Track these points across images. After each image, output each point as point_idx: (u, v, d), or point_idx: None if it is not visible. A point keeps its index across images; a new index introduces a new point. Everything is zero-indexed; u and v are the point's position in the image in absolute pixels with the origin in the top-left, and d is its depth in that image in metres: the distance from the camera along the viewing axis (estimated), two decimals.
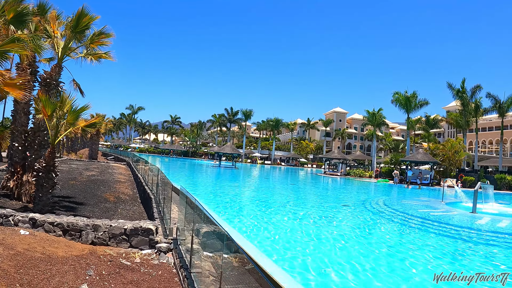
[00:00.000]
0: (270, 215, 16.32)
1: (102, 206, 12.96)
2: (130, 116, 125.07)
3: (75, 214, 11.25)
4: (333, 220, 15.92)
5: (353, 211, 19.56)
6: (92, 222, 7.51)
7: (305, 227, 14.05)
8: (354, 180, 47.32)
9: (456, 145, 42.63)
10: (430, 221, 16.30)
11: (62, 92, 12.01)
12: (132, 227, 7.54)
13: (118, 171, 28.72)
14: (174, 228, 7.96)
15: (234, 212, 16.48)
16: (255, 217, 15.50)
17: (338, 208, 20.48)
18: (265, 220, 14.98)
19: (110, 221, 7.89)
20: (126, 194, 16.62)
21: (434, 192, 35.90)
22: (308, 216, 16.85)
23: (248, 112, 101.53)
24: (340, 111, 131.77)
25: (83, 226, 7.36)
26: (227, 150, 54.73)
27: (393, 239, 13.10)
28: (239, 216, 15.57)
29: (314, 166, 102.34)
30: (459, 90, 51.62)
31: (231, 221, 13.84)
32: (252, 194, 25.55)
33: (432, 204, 22.86)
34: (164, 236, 7.80)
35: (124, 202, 14.43)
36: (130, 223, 7.78)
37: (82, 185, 17.54)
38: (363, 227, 14.76)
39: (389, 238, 13.08)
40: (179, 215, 8.40)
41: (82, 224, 7.39)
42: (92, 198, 14.43)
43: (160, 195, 11.55)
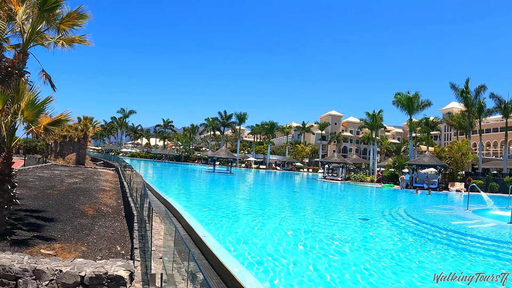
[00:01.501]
0: (275, 237, 12.91)
1: (77, 223, 10.60)
2: (122, 120, 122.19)
3: (39, 235, 8.92)
4: (357, 243, 12.45)
5: (377, 227, 16.21)
6: (34, 265, 5.05)
7: (323, 260, 10.11)
8: (356, 185, 45.13)
9: (463, 147, 40.66)
10: (476, 238, 13.59)
11: (29, 85, 9.71)
12: (93, 274, 5.10)
13: (105, 177, 26.26)
14: (158, 269, 5.54)
15: (233, 235, 12.85)
16: (255, 244, 11.77)
17: (356, 223, 16.94)
18: (270, 249, 11.25)
19: (63, 261, 5.43)
20: (108, 205, 14.24)
21: (446, 198, 33.83)
22: (322, 236, 13.18)
23: (242, 115, 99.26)
24: (335, 114, 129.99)
25: (20, 271, 4.95)
26: (222, 155, 52.26)
27: (452, 268, 9.53)
28: (236, 237, 12.37)
29: (310, 170, 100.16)
30: (463, 91, 49.79)
31: (227, 244, 11.47)
32: (254, 207, 21.90)
33: (459, 213, 20.15)
34: (143, 284, 5.37)
35: (105, 216, 12.06)
36: (92, 265, 5.43)
37: (59, 196, 15.13)
38: (403, 253, 11.36)
39: (444, 268, 9.57)
40: (167, 241, 5.99)
41: (18, 268, 4.97)
42: (66, 211, 12.05)
43: (144, 210, 9.21)
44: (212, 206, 20.56)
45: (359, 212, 21.77)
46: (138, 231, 8.11)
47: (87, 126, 41.35)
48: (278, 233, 13.62)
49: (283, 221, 16.61)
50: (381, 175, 49.35)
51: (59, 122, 8.01)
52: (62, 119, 7.98)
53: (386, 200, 30.48)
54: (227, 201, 23.81)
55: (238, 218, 17.25)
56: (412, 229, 15.50)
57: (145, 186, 11.05)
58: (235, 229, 14.07)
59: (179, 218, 13.28)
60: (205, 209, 18.86)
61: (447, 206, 25.31)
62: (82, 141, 42.02)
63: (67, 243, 8.64)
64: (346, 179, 51.51)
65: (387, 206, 25.18)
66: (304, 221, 17.13)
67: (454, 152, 40.48)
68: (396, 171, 49.80)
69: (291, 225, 15.79)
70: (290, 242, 12.36)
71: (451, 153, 41.27)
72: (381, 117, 63.62)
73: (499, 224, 16.14)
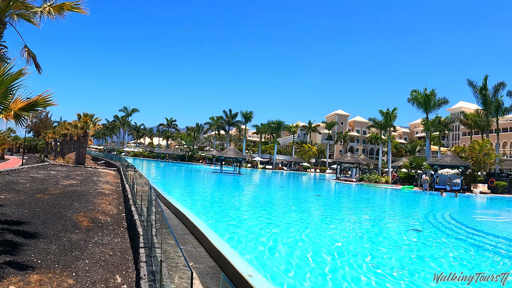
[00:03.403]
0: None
1: (66, 240, 8.33)
2: (124, 119, 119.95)
3: (12, 260, 6.66)
4: (434, 266, 9.44)
5: (439, 243, 12.73)
6: None
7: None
8: (372, 186, 42.61)
9: (485, 146, 38.19)
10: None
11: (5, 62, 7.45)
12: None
13: (105, 179, 24.00)
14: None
15: (284, 265, 9.16)
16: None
17: (410, 237, 13.55)
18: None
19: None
20: (108, 213, 11.96)
21: (476, 201, 31.29)
22: (388, 266, 9.59)
23: (248, 114, 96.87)
24: (342, 114, 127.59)
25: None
26: (230, 154, 49.78)
27: None
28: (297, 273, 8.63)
29: (318, 170, 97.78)
30: (482, 88, 47.32)
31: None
32: (290, 218, 17.41)
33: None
34: None
35: (103, 229, 9.80)
36: None
37: (50, 201, 12.88)
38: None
39: None
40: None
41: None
42: (55, 223, 9.79)
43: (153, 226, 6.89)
44: (237, 220, 15.83)
45: (402, 220, 18.37)
46: (146, 255, 5.81)
47: (87, 123, 39.05)
48: (335, 263, 9.75)
49: (330, 240, 12.76)
50: (396, 176, 46.92)
51: (36, 106, 5.74)
52: (39, 102, 5.72)
53: (417, 204, 27.45)
54: (252, 211, 19.13)
55: (281, 236, 12.80)
56: (482, 246, 12.58)
57: (154, 193, 8.54)
58: (287, 257, 10.00)
59: (201, 238, 9.64)
60: (233, 227, 14.04)
61: (490, 211, 22.89)
62: (82, 139, 39.72)
63: (49, 272, 6.35)
64: (360, 180, 49.11)
65: (425, 212, 22.20)
66: (354, 239, 13.19)
67: (477, 152, 37.99)
68: (411, 171, 47.37)
69: (344, 246, 11.87)
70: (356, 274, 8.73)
71: (473, 153, 38.80)
72: (395, 115, 61.12)
73: None
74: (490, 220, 17.71)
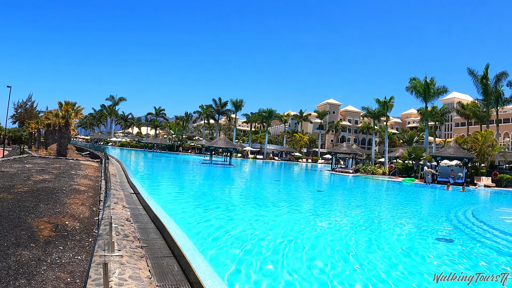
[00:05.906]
0: None
1: (13, 259, 6.23)
2: (111, 108, 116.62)
3: None
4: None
5: (474, 255, 9.63)
6: None
7: None
8: (370, 178, 40.82)
9: (489, 137, 36.59)
10: None
11: None
12: None
13: (85, 172, 21.75)
14: None
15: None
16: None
17: (443, 250, 10.10)
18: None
19: None
20: (77, 217, 9.83)
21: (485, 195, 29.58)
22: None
23: (238, 102, 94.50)
24: (333, 103, 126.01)
25: None
26: (221, 144, 47.49)
27: None
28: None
29: (309, 160, 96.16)
30: (483, 77, 45.66)
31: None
32: (301, 225, 12.60)
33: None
34: None
35: (66, 240, 7.68)
36: None
37: (12, 202, 10.72)
38: None
39: None
40: None
41: None
42: (7, 233, 7.66)
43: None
44: (236, 234, 10.52)
45: (422, 224, 14.44)
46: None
47: (68, 112, 36.47)
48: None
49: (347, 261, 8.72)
50: (394, 167, 45.25)
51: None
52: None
53: (427, 201, 24.85)
54: (254, 216, 13.78)
55: (295, 251, 8.93)
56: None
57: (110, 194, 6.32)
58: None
59: (186, 267, 5.18)
60: (238, 252, 8.44)
61: (509, 209, 21.04)
62: (64, 129, 37.15)
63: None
64: (356, 171, 47.36)
65: (442, 211, 19.13)
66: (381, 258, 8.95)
67: (481, 143, 36.38)
68: (409, 163, 45.76)
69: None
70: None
71: (476, 144, 37.19)
72: (392, 104, 59.48)
73: None
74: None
